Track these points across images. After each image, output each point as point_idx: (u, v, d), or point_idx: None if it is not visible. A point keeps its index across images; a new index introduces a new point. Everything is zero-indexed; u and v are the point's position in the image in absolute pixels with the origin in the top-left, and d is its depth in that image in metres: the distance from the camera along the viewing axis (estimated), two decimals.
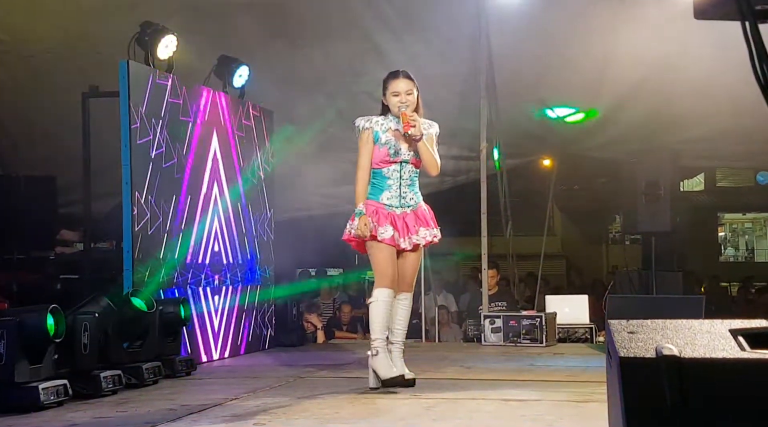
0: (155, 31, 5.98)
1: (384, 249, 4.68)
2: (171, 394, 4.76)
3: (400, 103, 4.69)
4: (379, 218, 4.69)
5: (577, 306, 8.02)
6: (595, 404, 3.93)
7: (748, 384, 1.87)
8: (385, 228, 4.67)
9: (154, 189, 5.80)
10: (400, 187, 4.76)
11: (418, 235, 4.76)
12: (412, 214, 4.78)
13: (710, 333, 2.04)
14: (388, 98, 4.76)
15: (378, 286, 4.68)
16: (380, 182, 4.77)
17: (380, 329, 4.64)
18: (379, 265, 4.69)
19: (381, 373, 4.62)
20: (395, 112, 4.73)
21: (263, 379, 5.28)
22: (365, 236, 4.66)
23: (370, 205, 4.73)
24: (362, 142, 4.79)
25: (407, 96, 4.70)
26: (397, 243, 4.70)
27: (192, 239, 6.26)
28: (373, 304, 4.68)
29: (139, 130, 5.68)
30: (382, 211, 4.72)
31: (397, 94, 4.71)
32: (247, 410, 4.11)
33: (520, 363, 6.06)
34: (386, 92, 4.77)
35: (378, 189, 4.77)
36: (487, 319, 7.50)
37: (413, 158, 4.77)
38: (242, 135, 7.07)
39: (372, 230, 4.65)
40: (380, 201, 4.74)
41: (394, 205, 4.75)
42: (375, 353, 4.63)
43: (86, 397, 4.52)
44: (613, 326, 2.10)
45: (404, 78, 4.75)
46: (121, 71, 5.60)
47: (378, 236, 4.66)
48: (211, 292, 6.48)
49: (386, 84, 4.79)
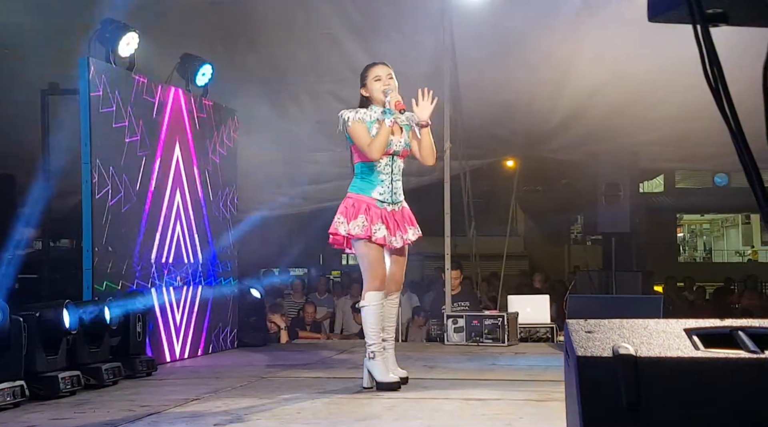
0: (117, 29, 5.91)
1: (376, 249, 4.61)
2: (130, 395, 4.71)
3: (384, 86, 4.66)
4: (371, 217, 4.60)
5: (538, 306, 8.08)
6: (554, 403, 3.97)
7: (702, 383, 1.90)
8: (378, 227, 4.60)
9: (114, 187, 5.73)
10: (392, 182, 4.69)
11: (408, 234, 4.73)
12: (399, 211, 4.73)
13: (666, 333, 2.06)
14: (370, 85, 4.70)
15: (370, 289, 4.63)
16: (372, 177, 4.68)
17: (376, 333, 4.63)
18: (371, 265, 4.62)
19: (378, 377, 4.63)
20: (378, 98, 4.68)
21: (225, 379, 5.25)
22: (398, 99, 4.54)
23: (362, 201, 4.63)
24: (355, 129, 4.62)
25: (389, 80, 4.69)
26: (389, 243, 4.64)
27: (155, 238, 6.20)
28: (366, 309, 4.64)
29: (99, 127, 5.61)
30: (374, 209, 4.62)
31: (379, 79, 4.68)
32: (208, 410, 4.08)
33: (481, 363, 6.09)
34: (366, 81, 4.72)
35: (369, 184, 4.67)
36: (449, 319, 7.53)
37: (403, 150, 4.72)
38: (206, 134, 7.02)
39: (365, 229, 4.57)
40: (372, 196, 4.65)
41: (386, 201, 4.66)
42: (372, 357, 4.63)
43: (44, 398, 4.46)
44: (571, 325, 2.12)
45: (383, 65, 4.76)
46: (81, 68, 5.53)
47: (372, 235, 4.58)
48: (174, 290, 6.43)
49: (366, 73, 4.75)
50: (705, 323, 2.13)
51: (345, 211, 4.64)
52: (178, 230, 6.56)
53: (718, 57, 1.25)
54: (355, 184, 4.72)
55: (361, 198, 4.66)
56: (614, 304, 7.53)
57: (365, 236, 4.58)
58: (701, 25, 1.25)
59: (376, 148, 4.58)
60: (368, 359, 4.66)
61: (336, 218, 4.67)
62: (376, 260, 4.62)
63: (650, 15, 1.45)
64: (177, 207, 6.54)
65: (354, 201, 4.66)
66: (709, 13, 1.31)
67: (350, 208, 4.64)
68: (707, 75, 1.26)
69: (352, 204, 4.66)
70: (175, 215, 6.51)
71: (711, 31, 1.26)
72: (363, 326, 4.74)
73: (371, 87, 4.71)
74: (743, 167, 1.24)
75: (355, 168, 4.75)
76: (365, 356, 4.69)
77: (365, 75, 4.76)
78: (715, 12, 1.32)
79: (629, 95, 8.05)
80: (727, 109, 1.26)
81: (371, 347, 4.64)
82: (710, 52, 1.24)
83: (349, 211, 4.63)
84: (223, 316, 7.21)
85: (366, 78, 4.74)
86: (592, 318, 2.18)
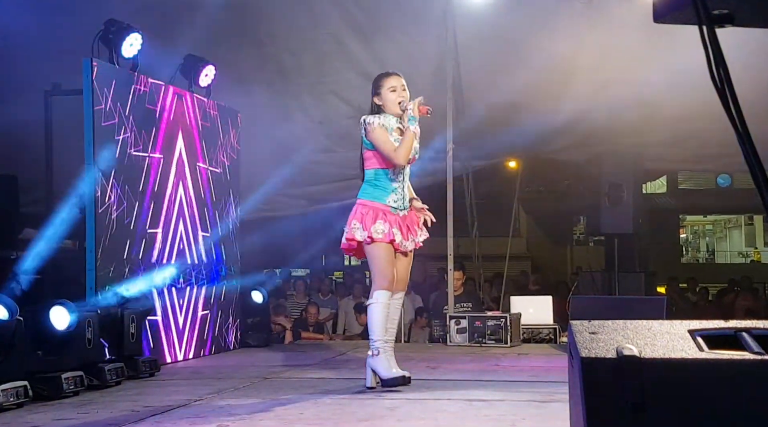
0: (120, 29, 5.91)
1: (389, 251, 4.69)
2: (134, 395, 4.72)
3: (399, 97, 4.72)
4: (389, 223, 4.67)
5: (541, 307, 8.08)
6: (557, 404, 3.97)
7: (706, 384, 1.90)
8: (396, 232, 4.68)
9: (118, 188, 5.74)
10: (403, 189, 4.78)
11: (418, 236, 4.81)
12: (409, 216, 4.80)
13: (670, 334, 2.06)
14: (384, 95, 4.74)
15: (379, 288, 4.68)
16: (386, 184, 4.73)
17: (381, 331, 4.68)
18: (382, 266, 4.68)
19: (382, 374, 4.66)
20: (393, 109, 4.73)
21: (228, 380, 5.25)
22: (420, 102, 4.67)
23: (377, 209, 4.69)
24: (378, 134, 4.68)
25: (403, 91, 4.75)
26: (402, 246, 4.72)
27: (157, 238, 6.21)
28: (374, 306, 4.68)
29: (102, 129, 5.61)
30: (389, 215, 4.70)
31: (394, 90, 4.73)
32: (211, 411, 4.08)
33: (484, 363, 6.09)
34: (381, 90, 4.75)
35: (383, 191, 4.73)
36: (452, 319, 7.53)
37: (413, 157, 4.79)
38: (209, 135, 7.02)
39: (385, 234, 4.63)
40: (386, 204, 4.72)
41: (399, 208, 4.74)
42: (376, 354, 4.67)
43: (47, 398, 4.46)
44: (575, 326, 2.12)
45: (397, 76, 4.80)
46: (84, 69, 5.54)
47: (393, 239, 4.66)
48: (176, 292, 6.43)
49: (380, 82, 4.78)
50: (709, 325, 2.13)
51: (361, 218, 4.68)
52: (182, 231, 6.56)
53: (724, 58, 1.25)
54: (366, 192, 4.75)
55: (375, 205, 4.71)
56: (617, 305, 7.51)
57: (387, 241, 4.66)
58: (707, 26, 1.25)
59: (403, 155, 4.67)
60: (371, 356, 4.69)
61: (351, 225, 4.70)
62: (389, 262, 4.69)
63: (656, 16, 1.45)
64: (180, 208, 6.54)
65: (370, 208, 4.70)
66: (715, 14, 1.31)
67: (366, 215, 4.68)
68: (713, 76, 1.26)
69: (367, 211, 4.70)
70: (177, 216, 6.50)
71: (717, 31, 1.26)
72: (368, 323, 4.75)
73: (386, 97, 4.75)
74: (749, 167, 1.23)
75: (367, 174, 4.78)
76: (369, 355, 4.71)
77: (380, 84, 4.78)
78: (721, 13, 1.32)
79: (632, 96, 8.04)
80: (733, 110, 1.26)
81: (376, 343, 4.66)
82: (716, 53, 1.24)
83: (366, 218, 4.67)
84: (226, 317, 7.21)
85: (381, 87, 4.77)
86: (595, 319, 2.18)
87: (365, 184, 4.77)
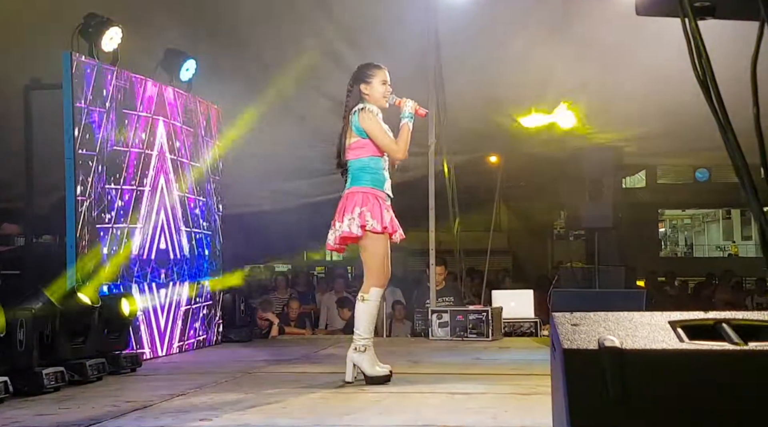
0: (100, 23, 5.88)
1: (388, 246, 4.66)
2: (115, 390, 4.70)
3: (388, 92, 4.74)
4: (382, 210, 4.60)
5: (522, 301, 8.12)
6: (539, 396, 3.99)
7: (686, 374, 1.92)
8: (391, 223, 4.65)
9: (98, 182, 5.71)
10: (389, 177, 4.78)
11: (400, 229, 4.77)
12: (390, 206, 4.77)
13: (650, 325, 2.08)
14: (374, 86, 4.73)
15: (376, 285, 4.64)
16: (382, 172, 4.70)
17: (370, 328, 4.68)
18: (380, 261, 4.62)
19: (367, 371, 4.65)
20: (380, 101, 4.73)
21: (210, 375, 5.24)
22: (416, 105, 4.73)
23: (379, 196, 4.63)
24: (379, 125, 4.67)
25: (389, 87, 4.78)
26: (395, 238, 4.70)
27: (138, 233, 6.18)
28: (369, 303, 4.65)
29: (82, 123, 5.58)
30: (384, 204, 4.65)
31: (385, 83, 4.76)
32: (193, 405, 4.07)
33: (466, 357, 6.11)
34: (371, 80, 4.73)
35: (381, 178, 4.68)
36: (434, 314, 7.55)
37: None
38: (190, 129, 7.00)
39: (382, 223, 4.56)
40: (384, 191, 4.68)
41: (390, 196, 4.73)
42: (362, 350, 4.65)
43: (28, 394, 4.43)
44: (557, 318, 2.14)
45: (386, 70, 4.81)
46: (64, 63, 5.49)
47: (390, 229, 4.61)
48: (157, 287, 6.41)
49: (371, 71, 4.76)
50: (689, 316, 2.15)
51: (371, 207, 4.57)
52: (163, 226, 6.53)
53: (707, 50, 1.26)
54: (364, 179, 4.65)
55: (377, 193, 4.64)
56: (597, 298, 7.58)
57: (391, 232, 4.63)
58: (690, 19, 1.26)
59: (404, 149, 4.68)
60: (356, 352, 4.66)
61: (361, 211, 4.55)
62: (387, 256, 4.66)
63: (638, 9, 1.46)
64: (161, 202, 6.51)
65: (371, 195, 4.61)
66: (697, 6, 1.32)
67: (373, 204, 4.58)
68: (695, 68, 1.28)
69: (371, 199, 4.59)
70: (158, 211, 6.48)
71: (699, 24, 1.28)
72: (359, 319, 4.67)
73: (376, 88, 4.74)
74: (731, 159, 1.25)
75: (359, 162, 4.66)
76: (352, 350, 4.69)
77: (371, 73, 4.75)
78: (703, 5, 1.33)
79: (612, 91, 8.09)
80: (715, 102, 1.28)
81: (364, 340, 4.65)
82: (698, 46, 1.25)
83: (375, 207, 4.58)
84: (207, 312, 7.20)
85: (372, 77, 4.75)
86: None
87: (360, 172, 4.66)
